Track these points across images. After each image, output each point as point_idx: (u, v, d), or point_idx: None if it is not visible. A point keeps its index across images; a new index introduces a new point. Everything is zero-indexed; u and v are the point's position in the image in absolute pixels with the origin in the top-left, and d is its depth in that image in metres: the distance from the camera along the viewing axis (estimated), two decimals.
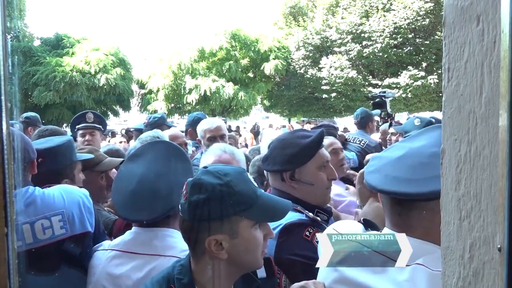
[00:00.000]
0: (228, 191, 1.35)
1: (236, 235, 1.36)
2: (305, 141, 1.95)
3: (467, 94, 0.75)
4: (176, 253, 1.63)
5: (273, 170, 1.98)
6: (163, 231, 1.74)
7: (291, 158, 1.93)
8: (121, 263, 1.71)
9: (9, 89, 0.62)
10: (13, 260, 0.64)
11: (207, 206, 1.33)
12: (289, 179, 1.93)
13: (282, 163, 1.94)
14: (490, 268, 0.70)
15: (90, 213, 1.97)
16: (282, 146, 1.97)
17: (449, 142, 0.80)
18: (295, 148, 1.94)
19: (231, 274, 1.43)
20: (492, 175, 0.69)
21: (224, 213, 1.34)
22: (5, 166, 0.62)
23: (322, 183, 1.97)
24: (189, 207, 1.34)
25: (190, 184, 1.37)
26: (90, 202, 2.00)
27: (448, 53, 0.81)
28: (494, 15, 0.69)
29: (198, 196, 1.34)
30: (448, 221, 0.82)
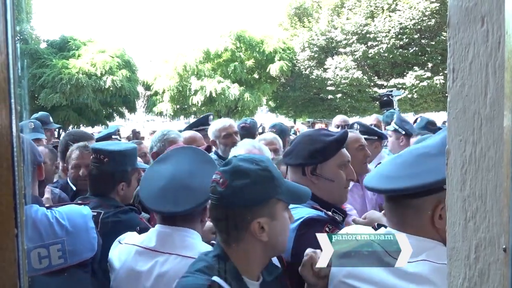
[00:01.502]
0: (268, 175, 1.45)
1: (274, 217, 1.45)
2: (329, 139, 2.02)
3: (472, 95, 0.75)
4: (194, 254, 1.66)
5: (295, 164, 2.04)
6: (183, 231, 1.80)
7: (314, 153, 1.99)
8: (143, 260, 1.77)
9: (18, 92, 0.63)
10: (23, 260, 0.65)
11: (251, 190, 1.42)
12: (310, 173, 1.99)
13: (305, 158, 2.00)
14: (496, 269, 0.71)
15: (93, 237, 1.93)
16: (306, 142, 2.04)
17: (454, 143, 0.80)
18: (319, 144, 2.00)
19: (266, 257, 1.51)
20: (497, 175, 0.69)
21: (266, 196, 1.44)
22: (15, 168, 0.63)
23: (341, 181, 2.03)
24: (232, 192, 1.41)
25: (230, 171, 1.44)
26: (92, 225, 1.96)
27: (452, 54, 0.81)
28: (499, 16, 0.69)
29: (242, 181, 1.41)
30: (454, 221, 0.82)
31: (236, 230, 1.44)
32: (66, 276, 1.82)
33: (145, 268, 1.74)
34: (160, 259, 1.74)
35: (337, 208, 2.00)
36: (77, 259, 1.83)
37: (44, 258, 1.75)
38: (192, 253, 1.68)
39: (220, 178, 1.44)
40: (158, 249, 1.77)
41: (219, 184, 1.43)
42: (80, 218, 1.93)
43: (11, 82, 0.62)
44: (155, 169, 1.99)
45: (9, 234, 0.63)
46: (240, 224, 1.43)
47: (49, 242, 1.78)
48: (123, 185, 2.41)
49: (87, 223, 1.93)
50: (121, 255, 1.86)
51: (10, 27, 0.62)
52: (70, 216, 1.90)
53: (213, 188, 1.46)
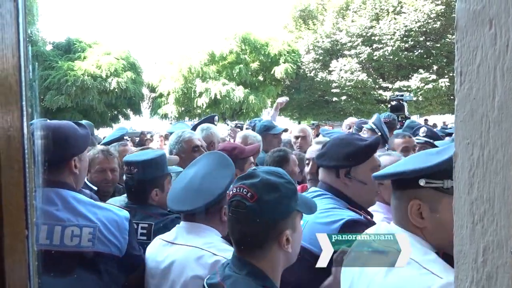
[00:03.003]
0: (293, 188, 1.51)
1: (295, 228, 1.51)
2: (364, 143, 2.09)
3: (479, 98, 0.75)
4: (215, 250, 1.82)
5: (330, 166, 2.10)
6: (197, 227, 1.96)
7: (349, 156, 2.06)
8: (163, 251, 1.97)
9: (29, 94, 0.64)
10: (33, 261, 0.66)
11: (281, 204, 1.46)
12: (344, 176, 2.06)
13: (340, 160, 2.07)
14: (504, 272, 0.70)
15: (124, 238, 2.03)
16: (341, 145, 2.12)
17: (462, 146, 0.80)
18: (354, 147, 2.07)
19: (284, 267, 1.55)
20: (505, 178, 0.69)
21: (292, 208, 1.49)
22: (26, 170, 0.64)
23: (373, 184, 2.11)
24: (264, 206, 1.44)
25: (260, 185, 1.46)
26: (126, 227, 2.06)
27: (460, 57, 0.81)
28: (507, 18, 0.69)
29: (273, 195, 1.45)
30: (461, 224, 0.82)
31: (266, 243, 1.46)
32: (74, 278, 1.89)
33: (162, 258, 1.94)
34: (173, 250, 1.92)
35: (365, 210, 2.08)
36: (103, 249, 1.94)
37: (76, 236, 1.89)
38: (214, 250, 1.82)
39: (247, 192, 1.45)
40: (174, 241, 1.96)
41: (247, 199, 1.44)
42: (115, 216, 2.05)
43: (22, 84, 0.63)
44: (183, 173, 2.20)
45: (19, 235, 0.64)
46: (270, 237, 1.46)
47: (83, 224, 1.91)
48: (156, 191, 2.55)
49: (121, 223, 2.05)
50: (150, 248, 2.08)
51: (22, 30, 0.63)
52: (109, 212, 2.05)
53: (237, 202, 1.46)
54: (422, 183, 1.32)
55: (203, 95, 24.24)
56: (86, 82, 23.06)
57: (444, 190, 1.32)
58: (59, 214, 1.89)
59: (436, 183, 1.32)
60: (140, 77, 26.60)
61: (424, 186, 1.33)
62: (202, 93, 24.27)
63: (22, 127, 0.64)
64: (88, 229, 1.91)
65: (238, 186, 1.48)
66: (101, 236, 1.95)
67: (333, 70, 24.37)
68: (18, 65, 0.63)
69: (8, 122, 0.62)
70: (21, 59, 0.63)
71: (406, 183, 1.38)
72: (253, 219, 1.44)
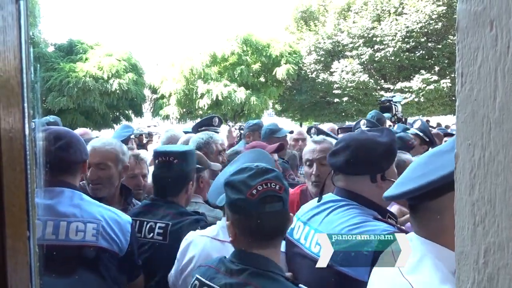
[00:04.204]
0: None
1: None
2: (388, 140, 1.94)
3: (480, 99, 0.75)
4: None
5: (363, 173, 1.92)
6: None
7: (381, 158, 1.91)
8: (215, 248, 1.98)
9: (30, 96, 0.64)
10: (35, 263, 0.66)
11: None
12: (381, 179, 1.91)
13: (374, 164, 1.90)
14: (505, 274, 0.70)
15: (126, 240, 2.11)
16: (368, 147, 1.91)
17: (463, 147, 0.80)
18: (384, 147, 1.91)
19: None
20: (506, 180, 0.69)
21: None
22: (27, 171, 0.64)
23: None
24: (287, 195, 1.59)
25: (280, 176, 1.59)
26: (128, 229, 2.14)
27: (461, 58, 0.81)
28: (508, 20, 0.69)
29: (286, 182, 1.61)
30: (462, 226, 0.82)
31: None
32: (75, 279, 1.94)
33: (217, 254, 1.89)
34: (224, 247, 1.92)
35: (391, 212, 1.96)
36: (106, 245, 2.01)
37: (81, 231, 1.96)
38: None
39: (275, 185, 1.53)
40: (220, 239, 1.98)
41: (278, 191, 1.53)
42: (118, 218, 2.13)
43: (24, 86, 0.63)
44: (225, 169, 2.25)
45: (21, 237, 0.64)
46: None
47: (88, 220, 2.00)
48: (191, 184, 2.54)
49: (124, 225, 2.13)
50: (194, 244, 2.04)
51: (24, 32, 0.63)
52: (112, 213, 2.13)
53: (271, 197, 1.51)
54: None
55: (204, 97, 24.26)
56: (88, 83, 23.09)
57: None
58: (65, 210, 1.98)
59: None
60: (142, 78, 26.64)
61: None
62: (203, 95, 24.29)
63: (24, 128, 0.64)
64: (92, 224, 1.99)
65: (265, 182, 1.50)
66: (104, 233, 2.02)
67: (335, 71, 24.38)
68: (20, 67, 0.63)
69: (10, 123, 0.62)
70: (23, 61, 0.64)
71: (443, 188, 1.24)
72: (284, 209, 1.54)
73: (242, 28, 25.65)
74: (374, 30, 22.94)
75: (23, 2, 0.64)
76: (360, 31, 23.29)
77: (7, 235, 0.61)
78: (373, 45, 23.15)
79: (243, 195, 1.51)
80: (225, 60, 25.03)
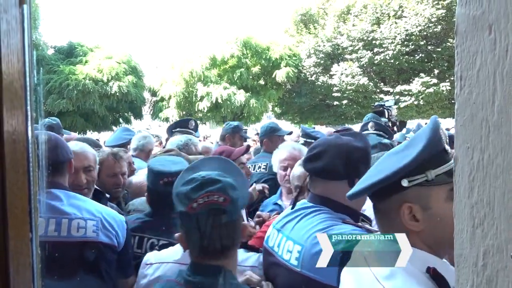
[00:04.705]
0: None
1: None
2: (363, 145, 1.95)
3: (479, 102, 0.75)
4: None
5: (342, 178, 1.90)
6: None
7: (359, 163, 1.89)
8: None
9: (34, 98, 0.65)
10: (37, 264, 0.66)
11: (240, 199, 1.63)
12: None
13: (355, 169, 1.88)
14: (504, 276, 0.71)
15: (122, 236, 2.21)
16: (347, 152, 1.90)
17: (462, 150, 0.81)
18: (360, 152, 1.91)
19: None
20: (505, 183, 0.70)
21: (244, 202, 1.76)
22: (30, 174, 0.64)
23: None
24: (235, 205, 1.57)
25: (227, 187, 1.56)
26: (124, 227, 2.25)
27: (460, 62, 0.82)
28: (506, 24, 0.70)
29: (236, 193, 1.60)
30: (461, 228, 0.82)
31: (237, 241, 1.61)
32: (78, 281, 2.02)
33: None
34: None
35: (364, 215, 1.95)
36: (106, 240, 2.11)
37: (82, 228, 2.05)
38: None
39: (219, 197, 1.50)
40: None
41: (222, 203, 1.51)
42: (115, 215, 2.23)
43: (27, 89, 0.64)
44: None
45: (24, 238, 0.65)
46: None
47: (88, 217, 2.10)
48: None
49: (120, 222, 2.22)
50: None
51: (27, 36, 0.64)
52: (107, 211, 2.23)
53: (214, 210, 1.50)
54: (405, 184, 1.23)
55: (204, 99, 24.25)
56: (88, 86, 23.09)
57: (430, 183, 1.24)
58: (65, 209, 2.06)
59: (419, 178, 1.23)
60: (142, 81, 26.63)
61: (408, 186, 1.23)
62: (203, 97, 24.28)
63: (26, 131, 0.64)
64: (92, 221, 2.08)
65: (207, 195, 1.48)
66: (103, 229, 2.12)
67: (334, 74, 24.37)
68: (23, 70, 0.64)
69: (13, 126, 0.63)
70: (26, 64, 0.64)
71: (388, 190, 1.28)
72: (232, 221, 1.51)
73: (241, 31, 25.67)
74: (374, 33, 22.95)
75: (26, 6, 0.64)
76: (360, 34, 23.29)
77: (10, 237, 0.61)
78: (373, 48, 23.16)
79: (185, 208, 1.49)
80: (224, 62, 25.04)
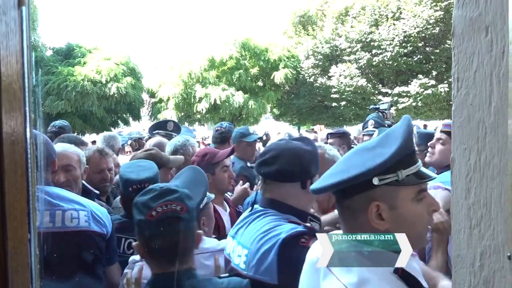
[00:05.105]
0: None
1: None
2: (312, 148, 1.99)
3: (476, 103, 0.76)
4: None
5: (294, 180, 1.94)
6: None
7: (310, 165, 1.94)
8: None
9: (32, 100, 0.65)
10: (35, 265, 0.66)
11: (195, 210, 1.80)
12: (311, 185, 1.91)
13: (305, 171, 1.93)
14: (501, 277, 0.71)
15: (109, 225, 2.37)
16: (299, 155, 1.94)
17: (459, 151, 0.81)
18: (310, 155, 1.96)
19: None
20: (502, 184, 0.70)
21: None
22: (28, 174, 0.65)
23: None
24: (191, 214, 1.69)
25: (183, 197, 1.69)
26: (109, 218, 2.42)
27: (457, 63, 0.82)
28: (503, 26, 0.70)
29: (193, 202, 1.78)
30: (459, 229, 0.83)
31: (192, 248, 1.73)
32: (76, 281, 2.12)
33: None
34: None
35: (313, 215, 1.99)
36: (97, 228, 2.25)
37: (75, 218, 2.18)
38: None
39: (176, 206, 1.63)
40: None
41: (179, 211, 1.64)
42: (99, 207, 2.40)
43: (26, 90, 0.64)
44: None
45: (22, 239, 0.65)
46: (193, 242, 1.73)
47: (79, 208, 2.23)
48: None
49: (105, 213, 2.38)
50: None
51: (25, 37, 0.64)
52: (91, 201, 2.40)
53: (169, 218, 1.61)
54: (376, 182, 1.22)
55: (202, 101, 24.26)
56: (86, 87, 23.09)
57: (399, 183, 1.24)
58: (55, 201, 2.18)
59: (390, 177, 1.23)
60: (140, 82, 26.63)
61: (378, 184, 1.22)
62: (201, 99, 24.28)
63: (25, 132, 0.64)
64: (83, 212, 2.22)
65: (165, 203, 1.59)
66: (93, 218, 2.27)
67: (333, 76, 24.39)
68: (22, 72, 0.64)
69: (12, 127, 0.63)
70: (25, 65, 0.64)
71: (357, 188, 1.26)
72: (188, 229, 1.61)
73: (240, 33, 25.69)
74: (372, 34, 22.97)
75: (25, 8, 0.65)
76: (358, 35, 23.31)
77: (8, 237, 0.61)
78: (371, 49, 23.18)
79: (144, 217, 1.58)
80: (223, 64, 25.04)
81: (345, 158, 1.40)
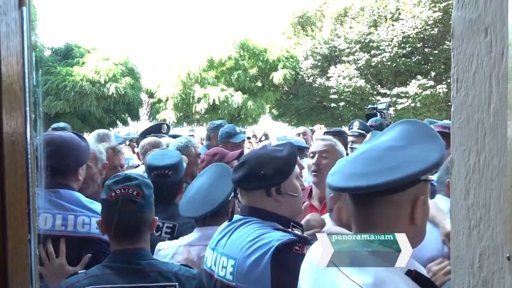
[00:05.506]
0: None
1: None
2: (286, 153, 1.95)
3: (475, 104, 0.76)
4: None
5: (259, 187, 1.91)
6: (205, 229, 2.26)
7: (277, 171, 1.89)
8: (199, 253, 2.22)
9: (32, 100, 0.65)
10: (35, 265, 0.66)
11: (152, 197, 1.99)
12: (276, 193, 1.90)
13: (269, 178, 1.89)
14: (500, 277, 0.71)
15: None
16: (261, 163, 1.92)
17: (458, 152, 0.81)
18: (279, 161, 1.91)
19: None
20: (501, 185, 0.70)
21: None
22: (29, 175, 0.65)
23: (301, 193, 2.01)
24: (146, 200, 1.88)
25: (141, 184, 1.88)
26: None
27: (456, 65, 0.82)
28: (502, 27, 0.70)
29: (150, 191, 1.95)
30: (458, 230, 0.83)
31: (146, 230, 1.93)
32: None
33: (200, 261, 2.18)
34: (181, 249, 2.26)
35: (295, 222, 1.94)
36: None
37: (86, 224, 2.21)
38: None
39: (133, 191, 1.83)
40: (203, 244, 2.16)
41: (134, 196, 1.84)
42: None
43: (26, 91, 0.64)
44: (192, 183, 2.51)
45: (23, 239, 0.65)
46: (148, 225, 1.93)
47: (92, 214, 2.23)
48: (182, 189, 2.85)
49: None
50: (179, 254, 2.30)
51: (26, 38, 0.64)
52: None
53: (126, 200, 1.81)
54: (424, 177, 1.26)
55: (201, 101, 24.26)
56: (85, 87, 23.07)
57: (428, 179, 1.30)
58: (70, 206, 2.21)
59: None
60: (139, 82, 26.62)
61: (423, 179, 1.27)
62: (200, 99, 24.29)
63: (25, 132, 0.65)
64: (95, 219, 2.17)
65: (124, 187, 1.81)
66: None
67: (331, 76, 24.41)
68: (22, 72, 0.64)
69: (12, 127, 0.63)
70: (25, 66, 0.64)
71: (409, 183, 1.25)
72: (141, 212, 1.82)
73: (239, 33, 25.70)
74: (371, 35, 22.99)
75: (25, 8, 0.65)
76: (357, 36, 23.33)
77: (9, 238, 0.61)
78: (370, 50, 23.20)
79: (105, 196, 1.83)
80: (222, 64, 25.05)
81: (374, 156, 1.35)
